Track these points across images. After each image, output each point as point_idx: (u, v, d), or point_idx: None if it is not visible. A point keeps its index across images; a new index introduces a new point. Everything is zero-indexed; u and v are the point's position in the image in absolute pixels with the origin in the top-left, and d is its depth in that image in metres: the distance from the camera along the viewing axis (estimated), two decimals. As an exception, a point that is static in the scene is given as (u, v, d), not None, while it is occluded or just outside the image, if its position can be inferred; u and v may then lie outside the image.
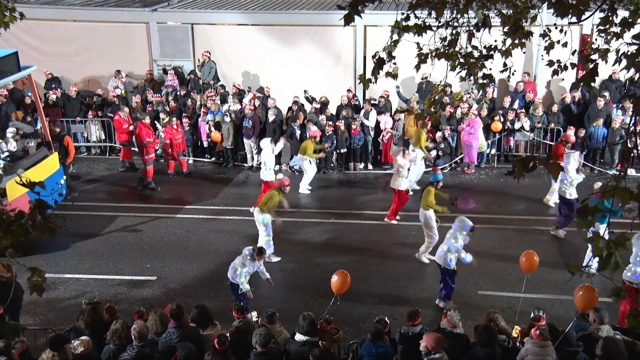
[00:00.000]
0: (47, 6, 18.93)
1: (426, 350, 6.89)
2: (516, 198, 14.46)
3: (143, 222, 13.43)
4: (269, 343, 6.95)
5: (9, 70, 11.44)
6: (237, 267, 9.53)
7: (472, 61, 6.97)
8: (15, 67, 11.72)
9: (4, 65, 11.27)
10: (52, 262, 11.53)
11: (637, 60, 5.18)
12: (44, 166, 12.42)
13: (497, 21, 7.18)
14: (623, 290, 4.08)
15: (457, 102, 16.05)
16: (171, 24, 18.55)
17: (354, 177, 16.20)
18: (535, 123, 15.95)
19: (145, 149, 14.97)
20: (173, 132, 15.76)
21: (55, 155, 13.05)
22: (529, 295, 10.42)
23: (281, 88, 17.17)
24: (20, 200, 11.25)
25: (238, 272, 9.49)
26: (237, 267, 9.53)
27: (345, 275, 8.55)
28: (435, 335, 7.01)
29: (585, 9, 5.18)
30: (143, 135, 14.90)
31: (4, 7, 9.62)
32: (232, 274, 9.58)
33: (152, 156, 15.14)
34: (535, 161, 4.26)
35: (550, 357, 6.86)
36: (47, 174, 12.39)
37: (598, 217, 4.07)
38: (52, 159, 12.78)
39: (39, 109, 13.56)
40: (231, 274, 9.60)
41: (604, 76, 16.46)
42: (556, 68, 6.81)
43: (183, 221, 13.59)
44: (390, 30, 6.20)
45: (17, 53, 11.92)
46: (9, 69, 11.44)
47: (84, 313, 7.88)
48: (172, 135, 15.71)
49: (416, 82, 17.06)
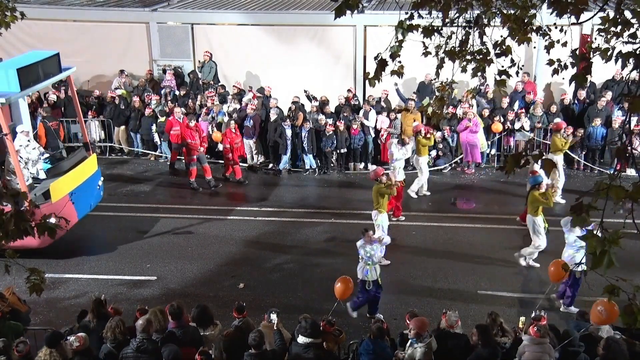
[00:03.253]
0: (47, 6, 18.90)
1: (416, 336, 7.04)
2: (516, 198, 14.43)
3: (143, 222, 13.43)
4: (262, 344, 6.96)
5: (51, 71, 11.46)
6: (362, 263, 9.68)
7: (479, 58, 6.97)
8: (57, 69, 11.74)
9: (46, 67, 11.28)
10: (52, 262, 11.53)
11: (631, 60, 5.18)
12: (84, 168, 12.40)
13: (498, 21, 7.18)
14: (617, 288, 4.08)
15: (466, 101, 16.01)
16: (171, 24, 18.54)
17: (354, 177, 16.20)
18: (535, 123, 15.95)
19: (188, 150, 14.96)
20: (232, 136, 15.46)
21: (94, 157, 13.04)
22: (529, 295, 10.44)
23: (281, 88, 17.17)
24: (62, 202, 11.35)
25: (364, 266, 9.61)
26: (362, 264, 9.68)
27: (348, 281, 8.59)
28: (420, 319, 7.20)
29: (583, 9, 5.18)
30: (186, 136, 14.89)
31: (5, 7, 9.61)
32: (362, 273, 9.69)
33: (194, 157, 15.07)
34: (527, 157, 4.27)
35: (547, 355, 6.87)
36: (86, 176, 12.39)
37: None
38: (91, 160, 12.76)
39: (78, 111, 13.56)
40: (360, 274, 9.70)
41: (607, 76, 16.45)
42: (556, 67, 6.82)
43: (183, 221, 13.58)
44: (394, 30, 6.19)
45: (59, 54, 11.90)
46: (51, 71, 11.45)
47: (92, 307, 7.88)
48: (231, 139, 15.41)
49: (417, 82, 17.05)
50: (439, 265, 11.64)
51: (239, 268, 11.65)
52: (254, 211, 14.06)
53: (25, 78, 10.55)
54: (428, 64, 7.60)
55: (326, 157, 16.12)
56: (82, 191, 12.10)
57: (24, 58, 11.28)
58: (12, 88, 10.43)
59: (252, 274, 11.43)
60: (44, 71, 11.19)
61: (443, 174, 16.14)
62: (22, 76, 10.44)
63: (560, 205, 13.49)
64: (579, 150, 15.84)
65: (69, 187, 11.70)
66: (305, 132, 15.72)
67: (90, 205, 12.62)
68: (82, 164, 12.36)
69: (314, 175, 16.16)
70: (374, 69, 6.32)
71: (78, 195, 11.89)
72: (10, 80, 10.37)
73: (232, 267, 11.73)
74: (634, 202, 3.97)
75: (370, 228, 10.11)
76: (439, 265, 11.64)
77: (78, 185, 11.98)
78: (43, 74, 11.17)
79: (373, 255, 9.63)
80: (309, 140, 15.73)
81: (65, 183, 11.61)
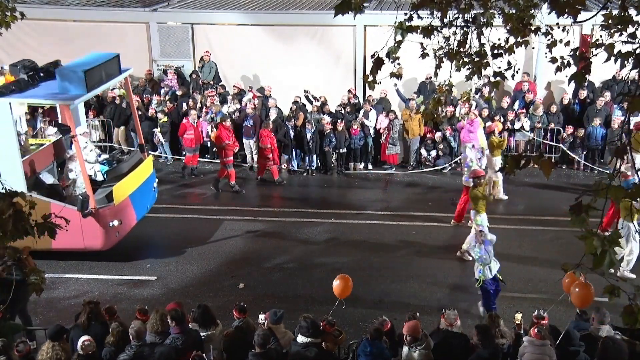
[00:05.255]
0: (47, 6, 18.90)
1: (413, 340, 7.06)
2: (516, 198, 14.45)
3: (143, 222, 13.41)
4: (267, 344, 6.95)
5: (112, 73, 11.56)
6: (479, 264, 9.69)
7: (476, 60, 6.98)
8: (117, 70, 11.82)
9: (108, 68, 11.37)
10: (52, 262, 11.52)
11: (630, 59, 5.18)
12: (142, 169, 12.45)
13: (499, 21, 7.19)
14: (617, 288, 4.08)
15: (464, 102, 16.02)
16: (171, 24, 18.54)
17: (354, 177, 16.20)
18: (535, 123, 15.95)
19: (225, 151, 14.84)
20: (272, 136, 15.30)
21: (150, 159, 13.09)
22: (529, 295, 10.44)
23: (281, 88, 17.17)
24: (124, 204, 11.39)
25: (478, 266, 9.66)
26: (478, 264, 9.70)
27: (347, 279, 8.56)
28: (410, 323, 7.22)
29: (581, 9, 5.19)
30: (223, 137, 14.77)
31: (5, 7, 9.63)
32: (477, 273, 9.75)
33: (230, 159, 14.96)
34: (527, 158, 4.27)
35: (547, 356, 6.87)
36: (144, 178, 12.44)
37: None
38: (147, 162, 12.80)
39: (134, 112, 13.60)
40: (476, 273, 9.75)
41: (606, 76, 16.45)
42: (559, 65, 6.85)
43: (183, 221, 13.59)
44: (393, 30, 6.19)
45: (119, 56, 12.00)
46: (112, 72, 11.55)
47: (83, 312, 7.86)
48: (271, 139, 15.26)
49: (417, 82, 17.05)
50: (439, 265, 11.64)
51: (239, 268, 11.66)
52: (254, 211, 14.07)
53: (91, 80, 10.69)
54: (428, 64, 7.61)
55: (326, 156, 16.12)
56: (140, 193, 12.19)
57: (87, 60, 11.37)
58: (79, 90, 10.56)
59: (252, 274, 11.43)
60: (106, 72, 11.32)
61: (443, 174, 16.14)
62: (88, 78, 10.58)
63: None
64: (579, 150, 15.85)
65: (130, 189, 11.79)
66: (309, 133, 15.70)
67: (147, 207, 12.68)
68: (140, 166, 12.44)
69: (314, 175, 16.16)
70: (370, 67, 6.33)
71: (136, 197, 11.98)
72: (78, 82, 10.50)
73: (232, 267, 11.73)
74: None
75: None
76: (439, 265, 11.64)
77: (137, 187, 12.07)
78: (105, 75, 11.29)
79: (481, 256, 9.65)
80: (314, 140, 15.73)
81: (126, 185, 11.70)
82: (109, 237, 11.34)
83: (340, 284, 8.47)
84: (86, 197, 10.85)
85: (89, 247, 11.32)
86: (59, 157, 12.78)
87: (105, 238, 11.31)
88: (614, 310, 8.01)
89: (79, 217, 10.85)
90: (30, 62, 11.61)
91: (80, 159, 11.08)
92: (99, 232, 11.18)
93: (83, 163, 11.16)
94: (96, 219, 11.04)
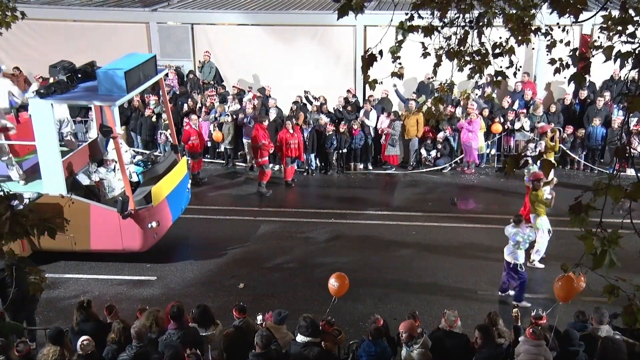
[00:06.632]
0: (47, 6, 18.91)
1: (409, 338, 7.11)
2: (516, 198, 14.43)
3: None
4: (269, 345, 6.95)
5: (149, 73, 11.60)
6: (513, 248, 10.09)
7: (477, 59, 6.97)
8: (154, 71, 11.85)
9: (146, 69, 11.42)
10: (52, 262, 11.52)
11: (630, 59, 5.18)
12: (178, 171, 12.43)
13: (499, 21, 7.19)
14: (617, 288, 4.08)
15: (464, 101, 16.02)
16: (171, 24, 18.55)
17: (354, 177, 16.21)
18: (535, 123, 15.95)
19: (260, 152, 14.69)
20: (287, 136, 15.07)
21: (184, 160, 13.08)
22: (529, 295, 10.43)
23: (281, 88, 17.17)
24: (162, 205, 11.40)
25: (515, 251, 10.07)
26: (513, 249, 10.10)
27: (343, 277, 8.51)
28: (407, 322, 7.28)
29: (583, 9, 5.19)
30: (260, 137, 14.62)
31: (5, 7, 9.62)
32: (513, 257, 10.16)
33: (265, 159, 14.84)
34: (526, 158, 4.26)
35: (543, 357, 6.87)
36: (179, 179, 12.43)
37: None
38: (182, 163, 12.79)
39: (168, 114, 13.58)
40: (511, 258, 10.16)
41: (606, 76, 16.45)
42: (558, 66, 6.84)
43: (183, 221, 13.56)
44: (387, 29, 6.19)
45: (155, 56, 12.08)
46: (149, 73, 11.60)
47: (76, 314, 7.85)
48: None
49: (417, 82, 17.05)
50: (439, 265, 11.64)
51: (239, 268, 11.66)
52: (254, 211, 14.07)
53: (130, 80, 10.74)
54: (428, 63, 7.61)
55: (326, 156, 16.12)
56: (176, 194, 12.19)
57: (126, 60, 11.42)
58: (120, 90, 10.62)
59: (252, 274, 11.44)
60: (144, 73, 11.36)
61: (443, 174, 16.15)
62: (128, 79, 10.64)
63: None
64: (579, 150, 15.86)
65: (167, 190, 11.80)
66: (307, 133, 15.71)
67: (182, 208, 12.68)
68: (175, 167, 12.44)
69: (314, 175, 16.17)
70: (361, 65, 6.32)
71: (173, 198, 11.98)
72: (118, 82, 10.57)
73: (232, 267, 11.74)
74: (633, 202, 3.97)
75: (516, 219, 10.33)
76: (439, 265, 11.64)
77: (173, 189, 12.08)
78: (143, 76, 11.34)
79: (530, 239, 10.19)
80: (310, 140, 15.73)
81: (164, 186, 11.71)
82: (147, 238, 11.34)
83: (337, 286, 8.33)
84: (126, 198, 10.86)
85: (127, 248, 11.33)
86: (94, 158, 12.79)
87: (144, 239, 11.30)
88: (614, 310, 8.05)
89: (118, 218, 10.87)
90: (69, 63, 11.64)
91: (120, 159, 11.03)
92: (138, 233, 11.18)
93: (123, 163, 11.14)
94: (135, 220, 11.04)
